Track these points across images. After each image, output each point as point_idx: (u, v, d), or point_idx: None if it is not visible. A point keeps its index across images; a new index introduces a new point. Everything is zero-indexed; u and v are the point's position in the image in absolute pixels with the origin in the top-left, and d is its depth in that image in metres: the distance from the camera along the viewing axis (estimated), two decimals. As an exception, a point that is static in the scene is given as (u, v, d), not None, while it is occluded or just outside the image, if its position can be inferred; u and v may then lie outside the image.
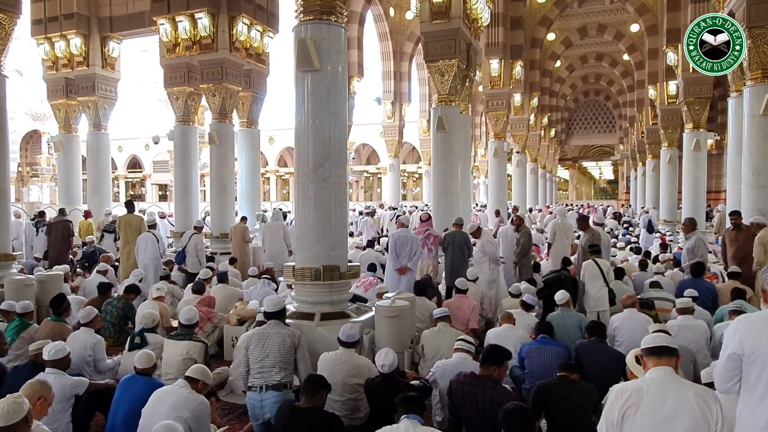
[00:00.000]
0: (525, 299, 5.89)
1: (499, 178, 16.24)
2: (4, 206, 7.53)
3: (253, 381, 3.94)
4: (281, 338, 4.01)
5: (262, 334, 4.13)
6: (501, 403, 3.48)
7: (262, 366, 3.93)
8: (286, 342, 4.01)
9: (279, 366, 3.92)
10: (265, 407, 3.86)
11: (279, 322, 4.21)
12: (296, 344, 4.06)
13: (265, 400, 3.86)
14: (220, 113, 10.80)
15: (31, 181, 39.35)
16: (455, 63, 9.52)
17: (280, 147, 39.19)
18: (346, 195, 5.86)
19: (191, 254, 9.05)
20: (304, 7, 5.53)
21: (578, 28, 23.65)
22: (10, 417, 2.62)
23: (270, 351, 3.95)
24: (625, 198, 37.06)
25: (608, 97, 36.67)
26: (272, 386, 3.87)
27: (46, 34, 12.66)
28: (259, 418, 3.94)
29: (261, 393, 3.87)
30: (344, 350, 4.29)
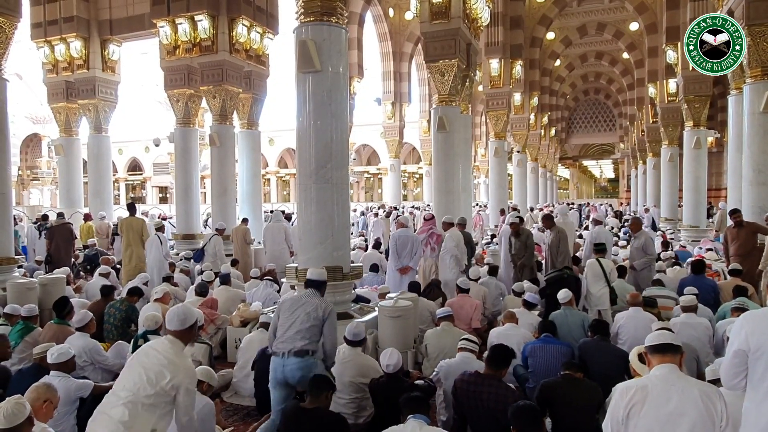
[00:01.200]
0: (527, 297, 5.90)
1: (499, 178, 16.25)
2: (6, 210, 7.54)
3: (278, 347, 3.87)
4: (312, 307, 3.91)
5: (296, 299, 4.08)
6: (506, 401, 3.50)
7: (288, 331, 3.86)
8: (317, 311, 3.89)
9: (303, 333, 3.83)
10: (287, 372, 3.80)
11: (317, 292, 4.10)
12: (325, 315, 3.91)
13: (287, 366, 3.79)
14: (220, 115, 10.82)
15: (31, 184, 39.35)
16: (455, 63, 9.53)
17: (281, 148, 39.22)
18: (348, 196, 5.88)
19: (209, 254, 9.19)
20: (305, 9, 5.55)
21: (578, 26, 23.66)
22: (12, 419, 2.65)
23: (297, 317, 3.88)
24: (626, 196, 37.05)
25: (608, 95, 36.66)
26: (295, 352, 3.79)
27: (46, 38, 12.67)
28: (279, 383, 3.87)
29: (284, 358, 3.81)
30: (350, 349, 4.31)
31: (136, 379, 2.83)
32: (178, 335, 3.04)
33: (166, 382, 2.82)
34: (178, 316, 3.06)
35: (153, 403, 2.82)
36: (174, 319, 3.06)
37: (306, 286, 4.18)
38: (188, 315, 3.12)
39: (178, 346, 3.02)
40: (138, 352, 3.01)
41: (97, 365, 4.85)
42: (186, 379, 2.90)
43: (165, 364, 2.86)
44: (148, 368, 2.85)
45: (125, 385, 2.85)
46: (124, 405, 2.78)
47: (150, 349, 2.97)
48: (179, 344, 3.03)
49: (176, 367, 2.88)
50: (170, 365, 2.86)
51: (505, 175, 16.71)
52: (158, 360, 2.87)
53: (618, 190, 47.67)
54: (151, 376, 2.82)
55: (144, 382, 2.81)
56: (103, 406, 2.86)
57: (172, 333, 3.04)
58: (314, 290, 4.10)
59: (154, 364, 2.86)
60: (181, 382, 2.86)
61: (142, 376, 2.83)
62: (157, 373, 2.83)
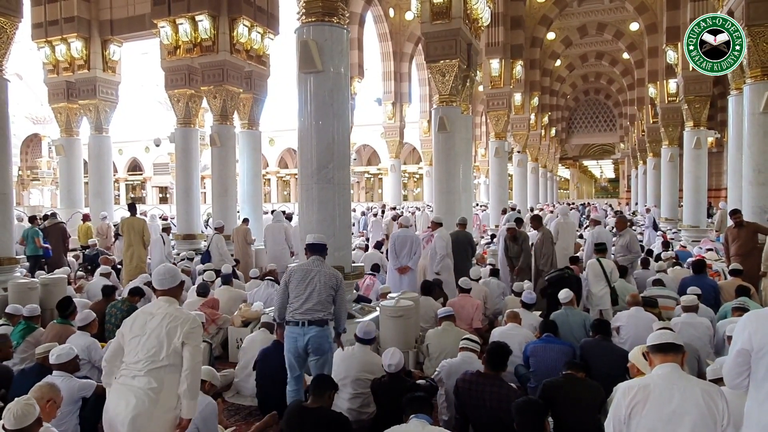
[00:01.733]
0: (523, 298, 5.90)
1: (500, 178, 16.25)
2: (8, 210, 7.55)
3: (295, 316, 4.02)
4: (325, 278, 4.09)
5: (306, 270, 4.16)
6: (508, 401, 3.51)
7: (304, 303, 4.02)
8: (329, 282, 4.08)
9: (322, 304, 4.03)
10: (306, 340, 3.98)
11: (321, 258, 4.24)
12: (337, 285, 4.13)
13: (308, 334, 3.98)
14: (221, 115, 10.84)
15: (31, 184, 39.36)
16: (456, 63, 9.54)
17: (281, 148, 39.24)
18: (349, 196, 5.90)
19: (215, 254, 9.25)
20: (306, 9, 5.56)
21: (578, 27, 23.68)
22: (22, 420, 2.66)
23: (313, 290, 4.04)
24: (626, 196, 37.08)
25: (608, 95, 36.70)
26: (314, 322, 3.99)
27: (46, 38, 12.69)
28: (298, 350, 4.03)
29: (303, 327, 3.98)
30: (360, 346, 4.37)
31: (149, 345, 2.89)
32: (171, 293, 3.13)
33: (177, 338, 2.90)
34: (168, 273, 3.15)
35: (172, 363, 2.90)
36: (165, 277, 3.14)
37: (308, 252, 4.30)
38: (176, 272, 3.22)
39: (175, 303, 3.11)
40: (136, 322, 3.01)
41: (94, 363, 4.85)
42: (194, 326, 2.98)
43: (172, 321, 2.94)
44: (158, 331, 2.91)
45: (139, 355, 2.89)
46: (148, 374, 2.85)
47: (149, 314, 3.01)
48: (174, 301, 3.12)
49: (184, 320, 2.97)
50: (176, 320, 2.95)
51: (505, 175, 16.73)
52: (164, 320, 2.95)
53: (618, 190, 47.70)
54: (163, 338, 2.89)
55: (159, 345, 2.88)
56: (124, 380, 2.89)
57: (165, 292, 3.11)
58: (318, 256, 4.24)
59: (163, 326, 2.93)
60: (191, 331, 2.94)
61: (154, 340, 2.89)
62: (169, 331, 2.91)
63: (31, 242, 9.96)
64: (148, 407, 2.81)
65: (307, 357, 4.08)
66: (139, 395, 2.81)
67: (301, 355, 4.07)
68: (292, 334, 4.05)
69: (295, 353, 4.07)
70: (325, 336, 4.04)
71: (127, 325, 3.03)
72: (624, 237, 7.78)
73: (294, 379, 4.16)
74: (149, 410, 2.81)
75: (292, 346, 4.07)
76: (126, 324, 3.04)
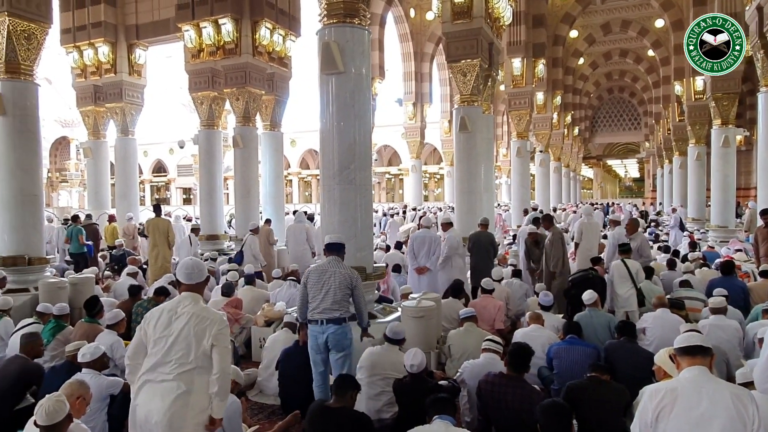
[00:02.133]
0: (540, 300, 5.83)
1: (522, 178, 16.11)
2: (38, 211, 7.74)
3: (314, 315, 4.21)
4: (341, 278, 4.23)
5: (322, 270, 4.31)
6: (531, 402, 3.48)
7: (321, 302, 4.19)
8: (345, 281, 4.23)
9: (338, 303, 4.19)
10: (326, 338, 4.17)
11: (338, 258, 4.38)
12: (353, 284, 4.28)
13: (327, 332, 4.16)
14: (243, 117, 10.96)
15: (60, 186, 40.30)
16: (477, 63, 9.49)
17: (302, 149, 39.51)
18: (371, 196, 5.90)
19: (248, 254, 9.38)
20: (328, 11, 5.59)
21: (601, 24, 23.35)
22: (53, 416, 2.73)
23: (329, 289, 4.20)
24: (651, 196, 36.42)
25: (633, 93, 36.12)
26: (332, 320, 4.16)
27: (75, 43, 12.98)
28: (319, 348, 4.21)
29: (322, 326, 4.16)
30: (389, 346, 4.41)
31: (178, 348, 2.83)
32: (196, 288, 3.04)
33: (207, 339, 2.84)
34: (196, 267, 3.07)
35: (201, 365, 2.85)
36: (194, 271, 3.04)
37: (326, 251, 4.42)
38: (203, 267, 3.14)
39: (200, 300, 3.01)
40: (160, 321, 2.90)
41: (116, 362, 4.94)
42: (221, 327, 2.91)
43: (199, 322, 2.87)
44: (186, 332, 2.85)
45: (166, 358, 2.83)
46: (177, 377, 2.80)
47: (173, 313, 2.91)
48: (199, 298, 3.03)
49: (212, 321, 2.89)
50: (204, 321, 2.88)
51: (527, 175, 16.57)
52: (191, 320, 2.87)
53: (643, 189, 46.87)
54: (191, 339, 2.83)
55: (188, 348, 2.82)
56: (153, 384, 2.84)
57: (191, 287, 3.02)
58: (336, 256, 4.38)
59: (191, 327, 2.86)
60: (219, 333, 2.88)
61: (182, 343, 2.83)
62: (197, 333, 2.85)
63: (75, 240, 10.34)
64: (180, 411, 2.77)
65: (328, 354, 4.23)
66: (170, 399, 2.77)
67: (322, 353, 4.23)
68: (312, 332, 4.24)
69: (317, 350, 4.23)
70: (343, 333, 4.20)
71: (150, 324, 2.92)
72: (635, 240, 7.52)
73: (319, 375, 4.29)
74: (182, 414, 2.77)
75: (313, 344, 4.25)
76: (149, 322, 2.93)
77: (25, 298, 6.99)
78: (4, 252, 7.35)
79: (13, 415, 4.13)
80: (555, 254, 7.30)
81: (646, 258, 7.54)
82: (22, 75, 7.37)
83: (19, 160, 7.32)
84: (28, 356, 4.49)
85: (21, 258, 7.32)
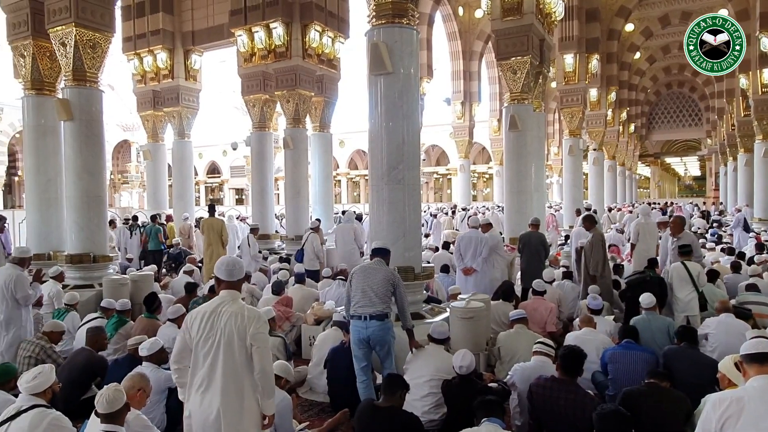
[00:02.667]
0: (589, 304, 5.63)
1: (574, 177, 15.66)
2: (102, 212, 8.13)
3: (356, 311, 4.37)
4: (383, 274, 4.42)
5: (367, 268, 4.50)
6: (584, 408, 3.38)
7: (363, 298, 4.36)
8: (387, 279, 4.41)
9: (380, 298, 4.35)
10: (369, 333, 4.33)
11: (383, 261, 4.55)
12: (395, 283, 4.45)
13: (370, 327, 4.33)
14: (294, 119, 11.17)
15: (122, 187, 42.16)
16: (528, 60, 9.30)
17: (351, 150, 39.82)
18: (419, 196, 5.89)
19: (309, 252, 9.55)
20: (377, 12, 5.61)
21: (659, 16, 22.35)
22: (112, 405, 2.88)
23: (372, 285, 4.37)
24: (714, 195, 34.67)
25: (693, 88, 34.49)
26: (374, 316, 4.32)
27: (135, 50, 13.59)
28: (362, 342, 4.37)
29: (365, 321, 4.33)
30: (435, 347, 4.39)
31: (223, 349, 2.83)
32: (235, 286, 3.01)
33: (246, 339, 2.84)
34: (237, 264, 3.04)
35: (245, 364, 2.87)
36: (235, 268, 3.01)
37: (372, 255, 4.61)
38: (241, 264, 3.11)
39: (239, 298, 3.00)
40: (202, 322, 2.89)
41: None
42: (259, 325, 2.88)
43: (239, 321, 2.85)
44: (228, 332, 2.84)
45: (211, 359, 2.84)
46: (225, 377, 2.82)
47: (215, 314, 2.89)
48: (238, 295, 3.02)
49: (249, 319, 2.86)
50: (243, 319, 2.86)
51: (580, 174, 16.10)
52: (230, 320, 2.85)
53: (705, 188, 44.78)
54: (233, 339, 2.83)
55: (230, 347, 2.83)
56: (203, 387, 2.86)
57: (230, 284, 2.99)
58: (380, 258, 4.55)
59: (232, 326, 2.84)
60: (257, 333, 2.85)
61: (225, 344, 2.83)
62: (239, 331, 2.83)
63: (155, 238, 10.89)
64: (235, 410, 2.81)
65: (370, 349, 4.39)
66: (224, 400, 2.80)
67: (364, 347, 4.37)
68: (356, 327, 4.39)
69: (359, 345, 4.38)
70: (385, 328, 4.36)
71: (193, 327, 2.91)
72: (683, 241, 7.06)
73: (361, 369, 4.40)
74: (237, 413, 2.82)
75: (356, 338, 4.39)
76: (191, 325, 2.93)
77: (90, 294, 7.35)
78: (71, 250, 7.77)
79: (79, 404, 4.36)
80: (595, 257, 7.05)
81: (697, 258, 7.04)
82: (87, 82, 7.76)
83: (85, 163, 7.71)
84: (94, 349, 4.73)
85: (86, 256, 7.71)
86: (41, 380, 3.11)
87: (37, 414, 2.96)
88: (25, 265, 5.92)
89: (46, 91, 8.49)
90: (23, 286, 5.59)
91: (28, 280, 5.75)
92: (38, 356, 4.90)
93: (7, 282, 5.54)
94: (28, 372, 3.17)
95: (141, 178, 33.26)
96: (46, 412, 3.01)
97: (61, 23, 7.56)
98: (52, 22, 7.63)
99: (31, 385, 3.06)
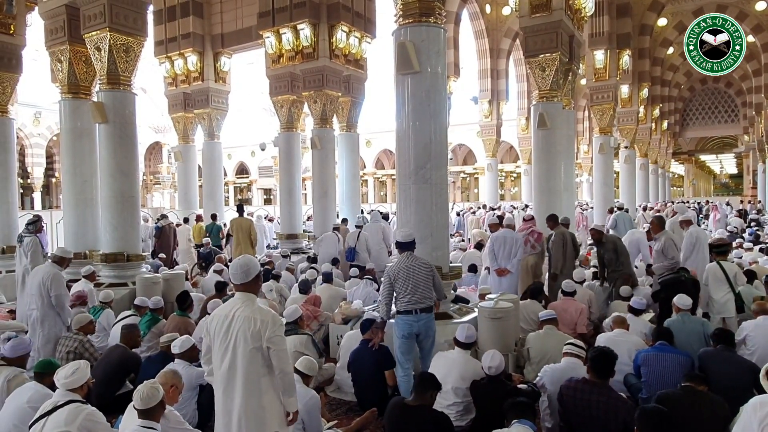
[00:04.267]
0: (632, 303, 5.53)
1: (605, 176, 15.36)
2: (135, 212, 8.31)
3: (407, 307, 4.61)
4: (426, 268, 4.69)
5: (407, 266, 4.68)
6: (616, 411, 3.32)
7: (414, 294, 4.61)
8: (428, 272, 4.69)
9: (428, 293, 4.66)
10: (420, 326, 4.62)
11: (412, 253, 4.76)
12: (432, 272, 4.74)
13: (420, 321, 4.61)
14: (321, 119, 11.24)
15: (153, 188, 43.09)
16: (557, 57, 9.15)
17: (377, 150, 39.87)
18: (447, 196, 5.86)
19: (362, 251, 9.54)
20: (404, 11, 5.61)
21: (693, 10, 21.71)
22: (148, 401, 2.94)
23: (418, 281, 4.62)
24: (751, 193, 33.59)
25: (729, 83, 33.46)
26: (423, 309, 4.61)
27: (166, 54, 13.87)
28: (411, 335, 4.64)
29: (416, 315, 4.59)
30: (460, 351, 4.33)
31: (239, 353, 2.86)
32: (249, 288, 3.00)
33: (263, 342, 2.85)
34: (249, 265, 3.00)
35: (263, 365, 2.89)
36: (249, 268, 2.98)
37: (399, 249, 4.80)
38: (255, 264, 3.07)
39: (254, 300, 2.99)
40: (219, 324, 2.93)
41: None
42: (275, 328, 2.88)
43: (253, 325, 2.85)
44: (242, 336, 2.86)
45: (228, 362, 2.89)
46: (244, 379, 2.87)
47: (231, 317, 2.91)
48: (254, 298, 3.00)
49: (263, 323, 2.86)
50: (256, 323, 2.86)
51: (611, 173, 15.78)
52: (245, 323, 2.86)
53: (741, 186, 43.39)
54: (249, 342, 2.85)
55: (246, 350, 2.86)
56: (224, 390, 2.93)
57: (244, 287, 2.98)
58: (410, 252, 4.75)
59: (246, 330, 2.85)
60: (273, 336, 2.86)
61: (240, 347, 2.86)
62: (254, 335, 2.84)
63: (216, 235, 11.24)
64: (257, 410, 2.87)
65: (416, 341, 4.67)
66: (243, 400, 2.87)
67: (413, 339, 4.64)
68: (407, 321, 4.62)
69: (409, 337, 4.63)
70: (432, 320, 4.71)
71: (211, 329, 2.98)
72: (659, 241, 6.67)
73: (407, 362, 4.65)
74: (258, 412, 2.87)
75: (406, 332, 4.63)
76: (209, 326, 3.00)
77: (124, 292, 7.52)
78: (105, 249, 7.97)
79: (114, 399, 4.48)
80: (555, 255, 7.05)
81: (671, 260, 6.51)
82: (121, 85, 7.94)
83: (119, 164, 7.88)
84: (128, 346, 4.85)
85: (120, 255, 7.89)
86: (78, 376, 3.20)
87: (73, 409, 3.06)
88: (64, 264, 6.10)
89: (81, 94, 8.73)
90: (58, 285, 5.76)
91: (64, 279, 5.93)
92: (77, 350, 5.09)
93: (44, 279, 5.72)
94: (65, 368, 3.26)
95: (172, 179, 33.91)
96: (82, 407, 3.10)
97: (96, 28, 7.74)
98: (88, 27, 7.83)
99: (68, 381, 3.16)
